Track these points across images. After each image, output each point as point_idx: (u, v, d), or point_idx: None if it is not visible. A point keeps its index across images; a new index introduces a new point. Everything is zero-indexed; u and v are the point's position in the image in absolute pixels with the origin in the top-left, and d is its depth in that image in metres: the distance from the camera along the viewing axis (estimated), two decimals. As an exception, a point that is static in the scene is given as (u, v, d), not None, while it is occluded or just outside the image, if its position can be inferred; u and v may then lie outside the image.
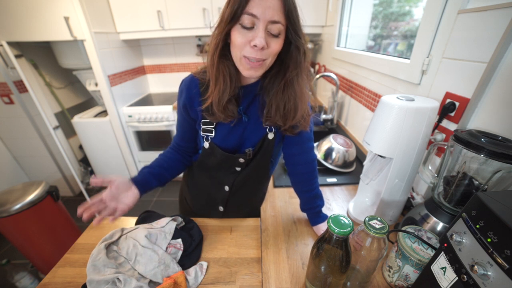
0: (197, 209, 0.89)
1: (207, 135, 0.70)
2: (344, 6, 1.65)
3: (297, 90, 0.61)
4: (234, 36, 0.54)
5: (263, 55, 0.54)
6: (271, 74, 0.63)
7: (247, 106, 0.67)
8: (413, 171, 0.69)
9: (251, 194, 0.84)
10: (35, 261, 1.54)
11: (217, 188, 0.79)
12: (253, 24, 0.51)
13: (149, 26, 2.06)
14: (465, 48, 0.67)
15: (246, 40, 0.53)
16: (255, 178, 0.79)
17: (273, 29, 0.52)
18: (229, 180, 0.77)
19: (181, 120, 0.74)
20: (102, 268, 0.60)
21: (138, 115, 2.18)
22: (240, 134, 0.70)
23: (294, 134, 0.69)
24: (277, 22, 0.52)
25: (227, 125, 0.68)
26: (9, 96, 1.97)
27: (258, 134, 0.70)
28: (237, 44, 0.54)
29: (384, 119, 0.64)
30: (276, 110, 0.63)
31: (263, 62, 0.56)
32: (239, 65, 0.58)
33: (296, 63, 0.59)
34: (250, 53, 0.54)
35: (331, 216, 0.49)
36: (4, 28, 1.73)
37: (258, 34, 0.51)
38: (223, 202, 0.81)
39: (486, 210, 0.35)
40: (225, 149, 0.71)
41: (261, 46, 0.51)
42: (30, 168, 2.32)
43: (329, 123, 1.64)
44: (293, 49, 0.58)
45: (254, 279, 0.63)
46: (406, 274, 0.55)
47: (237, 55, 0.56)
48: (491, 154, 0.48)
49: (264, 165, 0.76)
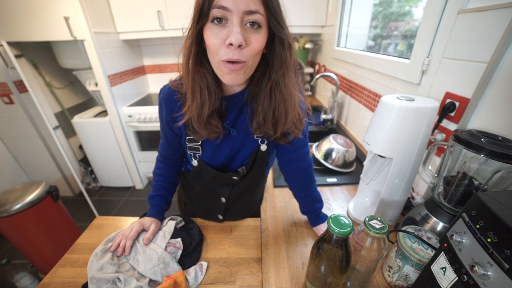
0: (197, 214, 0.88)
1: (195, 152, 0.65)
2: (344, 6, 1.65)
3: (285, 93, 0.54)
4: (206, 37, 0.46)
5: (242, 55, 0.45)
6: (257, 78, 0.55)
7: (235, 118, 0.61)
8: (413, 171, 0.69)
9: (249, 200, 0.82)
10: (35, 261, 1.54)
11: (214, 199, 0.76)
12: (226, 17, 0.43)
13: (149, 26, 2.06)
14: (465, 48, 0.67)
15: (220, 39, 0.44)
16: (252, 186, 0.76)
17: (251, 19, 0.44)
18: (225, 192, 0.73)
19: (166, 133, 0.68)
20: (104, 266, 0.60)
21: (138, 115, 2.18)
22: (229, 149, 0.64)
23: (287, 143, 0.63)
24: (255, 12, 0.43)
25: (214, 141, 0.62)
26: (9, 96, 1.97)
27: (250, 148, 0.65)
28: (211, 47, 0.46)
29: (384, 119, 0.64)
30: (264, 118, 0.56)
31: (244, 64, 0.47)
32: (218, 72, 0.50)
33: (281, 60, 0.51)
34: (226, 54, 0.45)
35: (331, 216, 0.48)
36: (4, 28, 1.73)
37: (232, 30, 0.43)
38: (221, 211, 0.78)
39: (486, 210, 0.35)
40: (215, 166, 0.66)
41: (237, 43, 0.43)
42: (30, 168, 2.32)
43: (329, 123, 1.64)
44: (277, 43, 0.49)
45: (254, 279, 0.63)
46: (406, 274, 0.55)
47: (214, 61, 0.48)
48: (491, 154, 0.48)
49: (260, 174, 0.72)
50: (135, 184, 2.55)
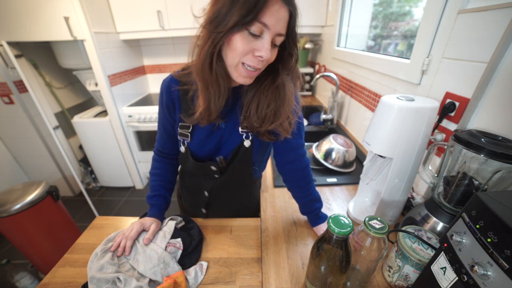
0: (186, 208, 0.91)
1: (184, 139, 0.69)
2: (344, 6, 1.65)
3: (280, 95, 0.60)
4: (236, 41, 0.50)
5: (263, 65, 0.53)
6: (257, 77, 0.60)
7: (228, 111, 0.66)
8: (413, 171, 0.69)
9: (234, 199, 0.84)
10: (35, 261, 1.54)
11: (198, 192, 0.80)
12: (261, 33, 0.49)
13: (149, 26, 2.06)
14: (465, 48, 0.67)
15: (250, 48, 0.50)
16: (237, 184, 0.78)
17: (276, 41, 0.51)
18: (208, 185, 0.77)
19: (163, 121, 0.72)
20: (104, 266, 0.60)
21: (138, 115, 2.18)
22: (217, 140, 0.69)
23: (271, 140, 0.67)
24: (282, 35, 0.51)
25: (203, 131, 0.67)
26: (9, 96, 1.97)
27: (234, 142, 0.69)
28: (238, 50, 0.50)
29: (384, 119, 0.64)
30: (255, 110, 0.61)
31: (259, 70, 0.55)
32: (233, 71, 0.55)
33: (288, 68, 0.59)
34: (251, 61, 0.52)
35: (331, 216, 0.49)
36: (4, 28, 1.73)
37: (265, 46, 0.49)
38: (204, 205, 0.82)
39: (486, 210, 0.35)
40: (199, 156, 0.70)
41: (267, 58, 0.50)
42: (30, 168, 2.32)
43: (329, 123, 1.64)
44: (286, 55, 0.57)
45: (254, 279, 0.63)
46: (406, 274, 0.55)
47: (234, 61, 0.53)
48: (491, 154, 0.48)
49: (244, 172, 0.74)
50: (135, 184, 2.55)
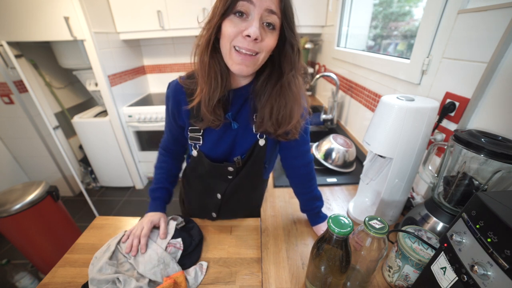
0: (192, 212, 0.88)
1: (195, 143, 0.68)
2: (344, 6, 1.65)
3: (291, 95, 0.58)
4: (225, 27, 0.50)
5: (256, 47, 0.51)
6: (264, 77, 0.60)
7: (237, 111, 0.65)
8: (413, 171, 0.69)
9: (244, 200, 0.82)
10: (35, 261, 1.54)
11: (210, 195, 0.77)
12: (248, 12, 0.48)
13: (149, 26, 2.06)
14: (465, 48, 0.67)
15: (238, 30, 0.49)
16: (248, 185, 0.77)
17: (269, 19, 0.49)
18: (221, 187, 0.74)
19: (170, 126, 0.72)
20: (102, 267, 0.60)
21: (138, 115, 2.18)
22: (230, 141, 0.67)
23: (286, 140, 0.66)
24: (274, 13, 0.49)
25: (215, 133, 0.65)
26: (9, 96, 1.97)
27: (249, 141, 0.67)
28: (227, 34, 0.50)
29: (384, 119, 0.64)
30: (269, 116, 0.60)
31: (255, 56, 0.52)
32: (228, 59, 0.54)
33: (291, 62, 0.56)
34: (241, 43, 0.50)
35: (331, 216, 0.49)
36: (4, 28, 1.73)
37: (252, 24, 0.48)
38: (215, 209, 0.79)
39: (486, 210, 0.35)
40: (213, 158, 0.69)
41: (254, 36, 0.48)
42: (30, 168, 2.32)
43: (329, 123, 1.64)
44: (288, 47, 0.55)
45: (254, 279, 0.63)
46: (406, 274, 0.55)
47: (226, 47, 0.52)
48: (491, 154, 0.48)
49: (256, 172, 0.73)
50: (135, 184, 2.55)
